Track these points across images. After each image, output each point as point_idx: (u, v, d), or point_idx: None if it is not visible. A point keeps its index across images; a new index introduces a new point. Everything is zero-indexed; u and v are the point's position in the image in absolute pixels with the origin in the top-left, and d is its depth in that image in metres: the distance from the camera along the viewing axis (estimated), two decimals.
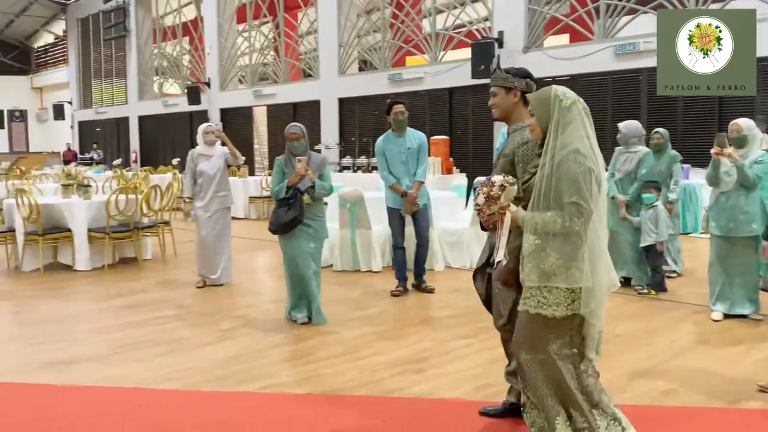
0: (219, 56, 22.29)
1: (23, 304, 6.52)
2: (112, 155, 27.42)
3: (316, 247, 5.50)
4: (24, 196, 7.75)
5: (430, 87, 16.26)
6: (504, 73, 3.40)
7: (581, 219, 2.74)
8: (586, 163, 2.77)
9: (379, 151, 6.55)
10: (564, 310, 2.82)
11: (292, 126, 5.51)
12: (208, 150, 7.17)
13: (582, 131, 2.84)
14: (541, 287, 2.84)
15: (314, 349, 4.86)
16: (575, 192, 2.74)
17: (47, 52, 33.29)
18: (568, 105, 2.86)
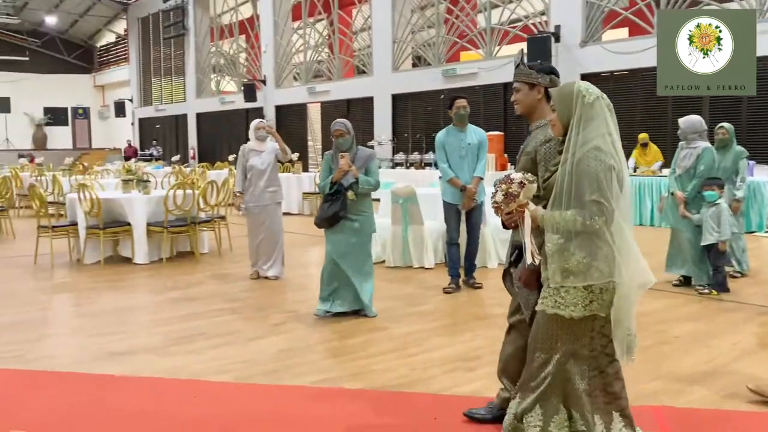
0: (274, 54, 22.56)
1: (84, 296, 6.71)
2: (170, 152, 28.06)
3: (359, 242, 5.47)
4: (86, 190, 7.97)
5: (484, 82, 16.12)
6: (527, 68, 3.34)
7: (602, 218, 2.69)
8: (607, 161, 2.71)
9: (439, 144, 6.51)
10: (581, 311, 2.78)
11: (337, 122, 5.50)
12: (259, 145, 7.29)
13: (604, 128, 2.77)
14: (558, 287, 2.80)
15: (365, 345, 4.86)
16: (596, 190, 2.68)
17: (109, 51, 34.27)
18: (591, 101, 2.79)
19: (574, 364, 2.86)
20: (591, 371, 2.89)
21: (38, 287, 7.10)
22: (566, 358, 2.86)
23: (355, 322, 5.45)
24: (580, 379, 2.87)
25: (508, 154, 14.60)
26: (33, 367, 4.43)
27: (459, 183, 6.37)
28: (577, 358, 2.87)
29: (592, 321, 2.82)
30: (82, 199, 8.00)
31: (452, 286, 6.54)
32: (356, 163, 5.39)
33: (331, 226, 5.41)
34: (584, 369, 2.87)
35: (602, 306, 2.78)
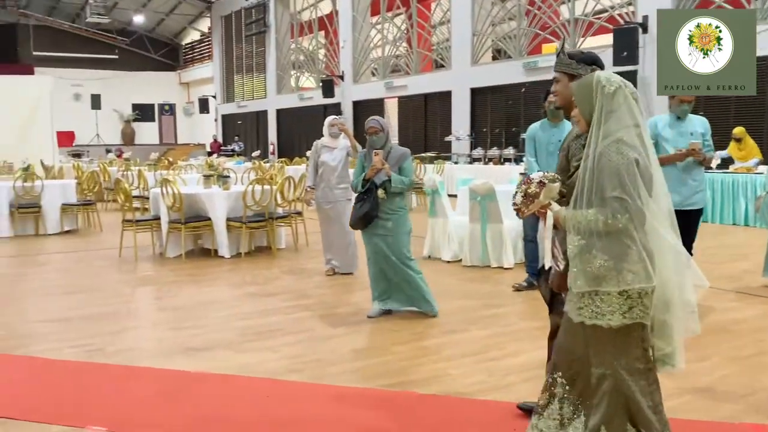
0: (353, 49, 22.61)
1: (165, 289, 6.82)
2: (251, 147, 28.62)
3: (395, 241, 5.35)
4: (168, 186, 8.12)
5: None
6: (567, 58, 3.10)
7: (625, 215, 2.48)
8: (630, 154, 2.51)
9: (530, 136, 6.36)
10: (620, 319, 2.55)
11: (371, 119, 5.46)
12: (332, 142, 7.32)
13: (629, 119, 2.57)
14: (592, 294, 2.58)
15: (442, 348, 4.71)
16: (618, 186, 2.48)
17: (193, 48, 35.21)
18: (612, 91, 2.59)
19: (632, 380, 2.61)
20: (650, 386, 2.65)
21: (122, 280, 7.27)
22: (623, 374, 2.61)
23: (431, 323, 5.31)
24: (642, 396, 2.62)
25: None
26: (112, 361, 4.49)
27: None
28: (633, 372, 2.61)
29: (640, 330, 2.58)
30: (164, 194, 8.16)
31: (523, 284, 6.38)
32: (389, 161, 5.32)
33: (366, 226, 5.34)
34: (643, 385, 2.62)
35: (645, 313, 2.56)
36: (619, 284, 2.52)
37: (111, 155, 21.24)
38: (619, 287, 2.52)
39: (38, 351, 4.71)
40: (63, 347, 4.80)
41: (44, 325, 5.43)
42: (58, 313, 5.80)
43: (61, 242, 9.95)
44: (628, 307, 2.54)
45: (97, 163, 18.60)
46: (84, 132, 30.71)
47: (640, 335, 2.59)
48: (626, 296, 2.53)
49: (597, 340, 2.61)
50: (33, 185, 10.35)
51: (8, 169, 13.09)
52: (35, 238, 10.29)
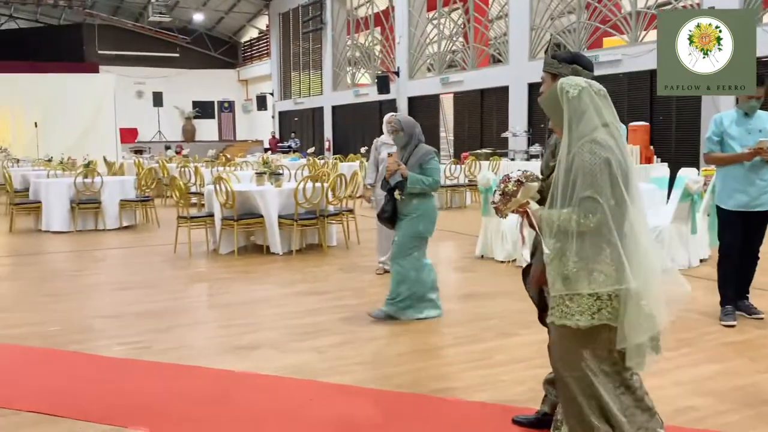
0: (408, 44, 22.48)
1: (217, 286, 6.84)
2: (307, 144, 28.80)
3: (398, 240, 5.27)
4: (221, 183, 8.16)
5: (628, 69, 15.17)
6: (550, 57, 3.12)
7: (597, 215, 2.49)
8: (602, 153, 2.51)
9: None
10: (588, 320, 2.56)
11: (391, 116, 5.35)
12: (390, 139, 7.17)
13: (597, 119, 2.58)
14: (563, 295, 2.60)
15: (493, 352, 4.56)
16: (589, 185, 2.50)
17: (252, 46, 35.66)
18: (576, 94, 2.60)
19: (599, 381, 2.64)
20: (617, 388, 2.67)
21: (175, 276, 7.34)
22: (588, 375, 2.63)
23: (484, 326, 5.16)
24: (610, 398, 2.64)
25: (654, 146, 13.67)
26: (159, 359, 4.50)
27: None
28: (600, 374, 2.64)
29: (607, 332, 2.59)
30: (218, 191, 8.21)
31: None
32: (411, 160, 5.22)
33: (393, 226, 5.31)
34: (609, 388, 2.65)
35: (614, 315, 2.56)
36: (589, 285, 2.53)
37: (170, 152, 21.64)
38: (590, 288, 2.53)
39: (89, 348, 4.76)
40: (113, 344, 4.84)
41: (97, 321, 5.49)
42: (112, 309, 5.87)
43: (119, 238, 10.14)
44: (597, 308, 2.55)
45: (157, 159, 18.98)
46: (146, 129, 31.49)
47: (608, 337, 2.59)
48: (596, 297, 2.54)
49: (565, 341, 2.65)
50: (93, 181, 10.57)
51: (71, 165, 13.44)
52: (95, 233, 10.52)
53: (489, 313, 5.53)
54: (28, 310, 5.82)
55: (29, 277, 7.33)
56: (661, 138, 14.26)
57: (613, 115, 2.63)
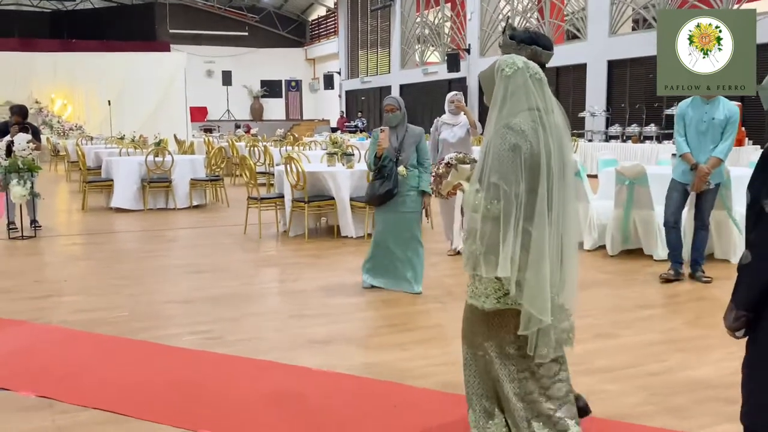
0: (480, 21, 21.80)
1: (288, 272, 6.57)
2: (374, 123, 28.47)
3: (412, 218, 5.47)
4: (292, 163, 7.88)
5: None
6: (508, 38, 2.94)
7: (500, 202, 2.44)
8: (511, 139, 2.44)
9: (680, 114, 5.82)
10: (493, 303, 2.56)
11: (389, 98, 5.49)
12: (452, 119, 7.05)
13: (524, 103, 2.49)
14: (473, 275, 2.59)
15: (593, 356, 4.10)
16: (496, 171, 2.45)
17: (320, 24, 35.41)
18: (510, 73, 2.52)
19: (501, 364, 2.63)
20: (520, 373, 2.62)
21: (245, 260, 7.11)
22: (490, 355, 2.64)
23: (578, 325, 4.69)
24: (509, 381, 2.63)
25: (747, 127, 12.78)
26: (231, 351, 4.23)
27: (692, 160, 5.66)
28: (502, 357, 2.63)
29: (513, 316, 2.55)
30: (288, 171, 7.93)
31: (670, 272, 5.85)
32: (406, 141, 5.38)
33: (383, 203, 5.39)
34: (512, 370, 2.62)
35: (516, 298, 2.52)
36: (486, 269, 2.50)
37: (240, 131, 21.63)
38: (486, 273, 2.51)
39: (159, 336, 4.53)
40: (183, 333, 4.61)
41: (167, 307, 5.28)
42: (182, 294, 5.66)
43: (188, 217, 10.03)
44: (504, 293, 2.53)
45: (226, 138, 18.95)
46: (215, 107, 31.73)
47: (513, 321, 2.55)
48: (501, 282, 2.51)
49: (471, 319, 2.67)
50: (164, 160, 10.48)
51: (143, 143, 13.46)
52: (165, 212, 10.44)
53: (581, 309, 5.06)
54: (98, 294, 5.67)
55: (100, 258, 7.22)
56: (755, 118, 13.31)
57: (546, 100, 2.52)
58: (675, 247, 5.91)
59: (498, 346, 2.62)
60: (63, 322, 4.84)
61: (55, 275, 6.39)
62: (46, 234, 8.48)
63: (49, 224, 9.05)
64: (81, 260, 7.21)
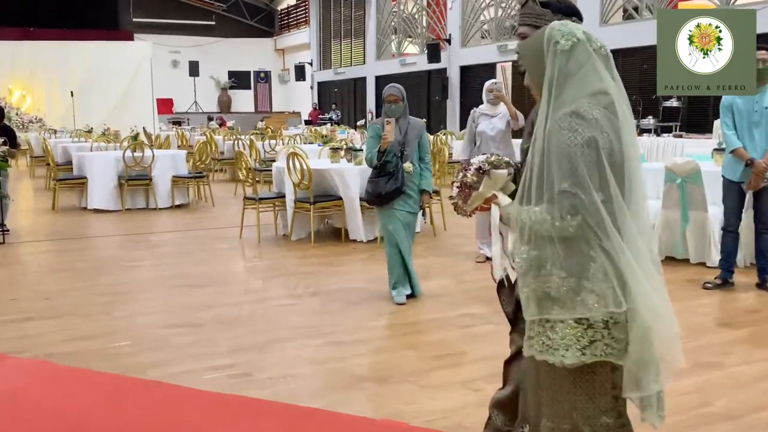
0: (462, 10, 21.14)
1: (302, 283, 5.80)
2: (348, 115, 27.74)
3: (415, 218, 5.14)
4: (296, 159, 7.09)
5: None
6: (539, 6, 2.41)
7: (577, 216, 1.84)
8: (585, 132, 1.85)
9: (727, 106, 5.28)
10: (576, 356, 1.89)
11: (391, 87, 5.07)
12: (491, 109, 6.39)
13: (591, 85, 1.90)
14: (542, 321, 1.94)
15: (709, 393, 3.43)
16: (568, 175, 1.85)
17: (289, 14, 34.37)
18: (569, 48, 1.93)
19: None
20: None
21: (249, 269, 6.35)
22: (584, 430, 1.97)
23: None
24: None
25: None
26: (267, 395, 3.45)
27: (746, 156, 5.11)
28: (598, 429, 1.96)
29: (608, 371, 1.93)
30: (290, 169, 7.14)
31: (717, 280, 5.34)
32: (409, 134, 4.98)
33: (388, 202, 4.95)
34: None
35: (613, 347, 1.88)
36: (576, 309, 1.88)
37: (213, 123, 20.63)
38: (577, 313, 1.88)
39: (173, 374, 3.73)
40: (201, 368, 3.82)
41: (173, 333, 4.46)
42: (186, 314, 4.84)
43: (172, 218, 9.16)
44: (589, 340, 1.89)
45: (200, 131, 17.99)
46: (182, 99, 30.56)
47: (610, 379, 1.95)
48: (586, 325, 1.89)
49: (550, 381, 2.00)
50: (143, 155, 9.57)
51: (114, 137, 12.48)
52: (145, 212, 9.55)
53: None
54: (86, 315, 4.84)
55: (81, 268, 6.35)
56: None
57: (617, 82, 1.94)
58: (731, 253, 5.37)
59: (590, 416, 1.97)
60: (51, 356, 4.01)
61: (32, 292, 5.52)
62: (15, 240, 7.55)
63: (17, 227, 8.11)
64: (59, 272, 6.32)
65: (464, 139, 6.67)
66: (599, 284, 1.87)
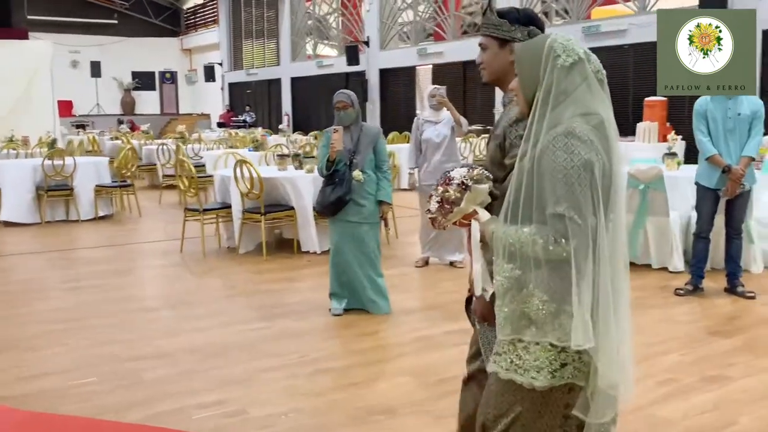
0: (380, 13, 21.01)
1: (267, 302, 5.38)
2: (263, 118, 27.16)
3: (370, 229, 4.86)
4: (245, 167, 6.69)
5: (636, 41, 14.22)
6: (497, 17, 2.31)
7: (573, 240, 1.77)
8: (582, 153, 1.78)
9: (701, 113, 5.26)
10: (547, 378, 1.85)
11: (339, 93, 4.89)
12: (434, 115, 6.38)
13: (586, 106, 1.85)
14: (515, 341, 1.88)
15: (733, 411, 3.36)
16: (563, 198, 1.78)
17: (196, 13, 33.31)
18: (569, 64, 1.87)
19: None
20: None
21: (204, 287, 5.91)
22: None
23: (670, 364, 3.96)
24: None
25: (671, 122, 12.82)
26: None
27: (722, 162, 5.13)
28: None
29: (566, 393, 1.88)
30: (238, 177, 6.74)
31: (688, 286, 5.38)
32: (362, 141, 4.78)
33: (336, 212, 4.76)
34: None
35: (581, 372, 1.86)
36: (555, 333, 1.83)
37: (123, 127, 19.59)
38: (554, 337, 1.83)
39: (155, 415, 3.32)
40: (187, 407, 3.44)
41: (143, 365, 4.02)
42: (151, 343, 4.40)
43: (98, 231, 8.52)
44: (561, 363, 1.85)
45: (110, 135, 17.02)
46: (82, 101, 29.02)
47: (565, 399, 1.89)
48: (560, 349, 1.84)
49: (507, 397, 1.93)
50: (64, 164, 8.85)
51: (23, 143, 11.56)
52: (67, 225, 8.85)
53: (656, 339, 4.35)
54: (31, 348, 4.32)
55: (12, 291, 5.78)
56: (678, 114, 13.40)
57: (608, 108, 1.89)
58: (702, 259, 5.41)
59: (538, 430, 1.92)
60: (4, 399, 3.50)
61: None
62: None
63: None
64: None
65: (410, 147, 6.64)
66: (578, 311, 1.81)
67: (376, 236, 4.96)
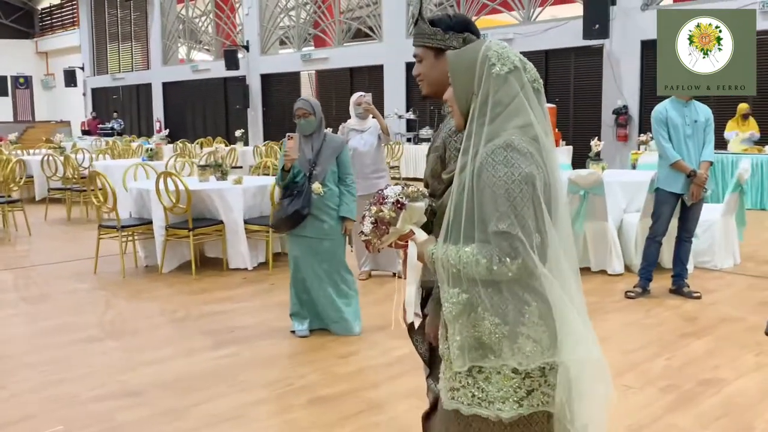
0: (260, 17, 20.54)
1: (214, 326, 4.97)
2: (132, 125, 25.83)
3: (331, 246, 4.59)
4: (170, 179, 6.21)
5: (521, 50, 14.70)
6: (429, 26, 2.21)
7: (517, 259, 1.68)
8: (522, 166, 1.70)
9: (661, 120, 5.35)
10: (514, 408, 1.74)
11: (300, 100, 4.58)
12: (360, 124, 6.23)
13: (523, 116, 1.76)
14: (474, 371, 1.76)
15: (751, 419, 3.44)
16: (506, 214, 1.68)
17: (53, 13, 31.18)
18: (505, 73, 1.77)
19: None
20: None
21: (138, 311, 5.40)
22: None
23: (662, 371, 4.01)
24: None
25: (560, 128, 13.41)
26: None
27: (687, 168, 5.27)
28: None
29: (544, 422, 1.77)
30: (160, 190, 6.24)
31: (637, 288, 5.54)
32: (324, 151, 4.50)
33: (293, 227, 4.50)
34: None
35: (550, 395, 1.75)
36: (513, 357, 1.72)
37: None
38: (513, 362, 1.72)
39: None
40: None
41: (113, 406, 3.56)
42: (113, 380, 3.92)
43: None
44: (527, 390, 1.74)
45: None
46: None
47: (546, 428, 1.78)
48: (524, 375, 1.73)
49: None
50: None
51: None
52: None
53: (639, 346, 4.42)
54: None
55: None
56: (560, 121, 14.02)
57: (546, 115, 1.80)
58: (653, 263, 5.56)
59: None
60: None
61: None
62: None
63: None
64: None
65: None
66: (535, 329, 1.72)
67: (339, 253, 4.65)
